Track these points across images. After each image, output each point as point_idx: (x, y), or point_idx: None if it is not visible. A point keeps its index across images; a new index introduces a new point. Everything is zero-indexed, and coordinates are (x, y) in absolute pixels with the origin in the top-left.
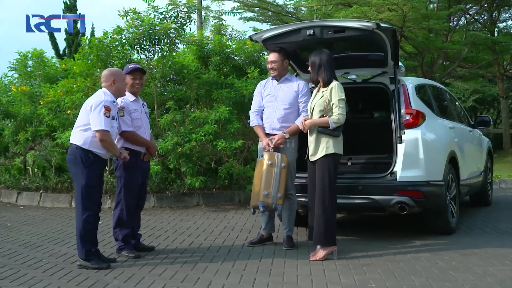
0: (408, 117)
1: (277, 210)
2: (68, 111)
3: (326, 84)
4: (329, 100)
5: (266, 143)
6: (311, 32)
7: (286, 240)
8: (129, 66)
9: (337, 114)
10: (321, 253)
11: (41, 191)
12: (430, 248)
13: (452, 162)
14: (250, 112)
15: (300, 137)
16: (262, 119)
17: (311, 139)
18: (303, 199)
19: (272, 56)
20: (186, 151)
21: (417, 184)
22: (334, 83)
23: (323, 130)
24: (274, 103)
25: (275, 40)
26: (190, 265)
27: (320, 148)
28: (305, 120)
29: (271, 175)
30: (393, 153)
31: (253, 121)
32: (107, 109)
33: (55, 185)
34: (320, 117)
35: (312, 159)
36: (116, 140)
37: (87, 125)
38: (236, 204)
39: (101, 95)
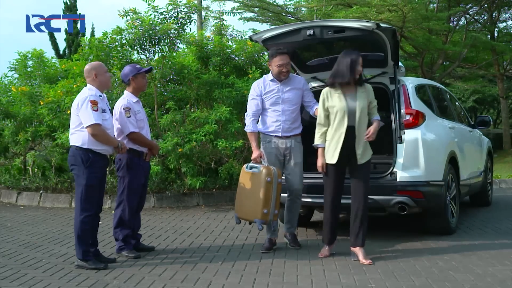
0: (408, 117)
1: (272, 224)
2: (68, 111)
3: (362, 84)
4: (370, 101)
5: (258, 155)
6: (311, 32)
7: (291, 239)
8: (137, 66)
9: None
10: (363, 254)
11: (41, 191)
12: (430, 248)
13: (452, 162)
14: (246, 115)
15: (304, 135)
16: (257, 123)
17: (359, 143)
18: (309, 200)
19: (284, 59)
20: (186, 152)
21: (417, 184)
22: (368, 84)
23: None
24: (282, 105)
25: (275, 40)
26: (190, 265)
27: (368, 151)
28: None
29: (270, 192)
30: (393, 153)
31: (249, 126)
32: (93, 103)
33: (55, 185)
34: (368, 120)
35: (361, 162)
36: (121, 139)
37: (81, 124)
38: None
39: (85, 92)
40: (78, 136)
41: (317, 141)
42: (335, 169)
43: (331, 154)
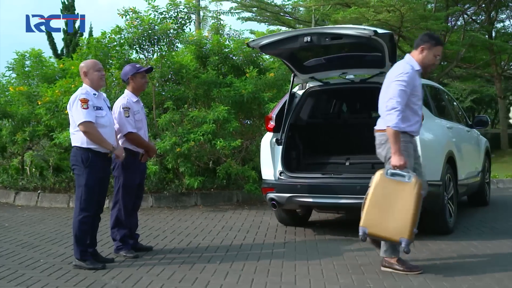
0: None
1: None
2: (66, 111)
3: None
4: None
5: (406, 162)
6: (308, 39)
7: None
8: (136, 66)
9: None
10: None
11: (38, 191)
12: (428, 248)
13: (450, 162)
14: (397, 110)
15: (303, 135)
16: None
17: None
18: (310, 200)
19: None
20: (184, 151)
21: None
22: None
23: None
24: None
25: (273, 47)
26: (188, 265)
27: None
28: None
29: (419, 208)
30: None
31: (399, 123)
32: (83, 101)
33: (53, 185)
34: None
35: None
36: (118, 138)
37: None
38: (234, 204)
39: (78, 91)
40: (78, 136)
41: None
42: None
43: None
